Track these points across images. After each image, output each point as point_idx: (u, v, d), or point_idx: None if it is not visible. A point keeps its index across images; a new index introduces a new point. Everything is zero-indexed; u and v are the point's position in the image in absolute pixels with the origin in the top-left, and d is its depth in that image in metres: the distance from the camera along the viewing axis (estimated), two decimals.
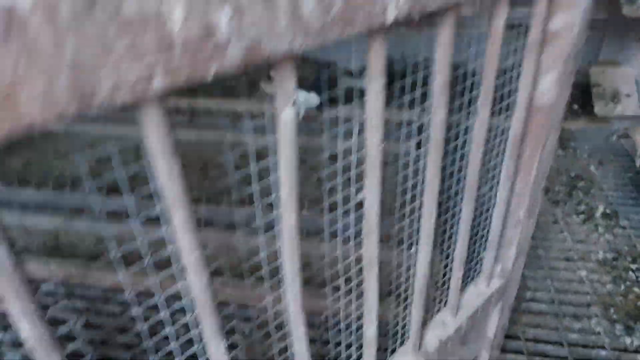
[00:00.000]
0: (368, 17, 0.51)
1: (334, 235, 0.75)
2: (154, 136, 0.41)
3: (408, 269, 0.88)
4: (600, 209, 2.07)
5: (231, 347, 0.61)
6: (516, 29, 0.88)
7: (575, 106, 2.55)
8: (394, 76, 0.74)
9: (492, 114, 0.84)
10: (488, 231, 1.05)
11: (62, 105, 0.32)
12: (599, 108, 2.32)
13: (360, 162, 0.67)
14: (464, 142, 0.83)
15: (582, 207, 2.08)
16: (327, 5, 0.46)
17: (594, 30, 2.56)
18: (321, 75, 2.79)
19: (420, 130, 0.76)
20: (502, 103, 0.90)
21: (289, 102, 0.50)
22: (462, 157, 0.85)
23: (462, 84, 0.79)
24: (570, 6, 0.88)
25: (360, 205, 0.69)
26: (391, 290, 0.92)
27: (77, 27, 0.31)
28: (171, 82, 0.37)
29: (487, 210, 1.01)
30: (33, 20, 0.29)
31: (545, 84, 0.92)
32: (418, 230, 0.81)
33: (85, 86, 0.33)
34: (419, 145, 0.76)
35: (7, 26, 0.29)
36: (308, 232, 0.60)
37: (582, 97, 2.47)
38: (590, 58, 2.56)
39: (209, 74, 0.39)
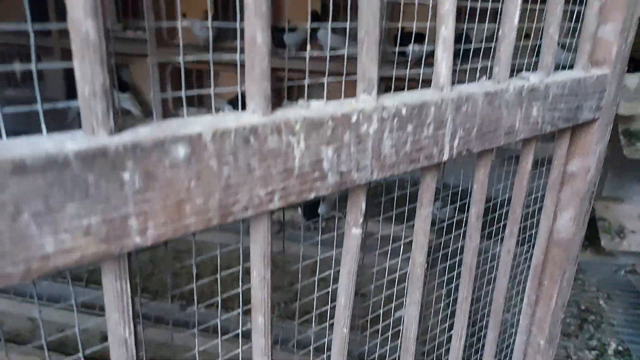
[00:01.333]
0: (429, 156, 0.64)
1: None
2: (260, 243, 0.50)
3: None
4: (613, 345, 2.09)
5: None
6: (539, 168, 1.02)
7: None
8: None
9: (517, 243, 0.94)
10: (510, 359, 1.09)
11: (211, 218, 0.41)
12: (605, 242, 2.46)
13: (401, 279, 0.75)
14: (492, 268, 0.92)
15: (594, 343, 2.11)
16: (400, 147, 0.59)
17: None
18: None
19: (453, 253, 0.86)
20: (526, 234, 1.00)
21: (358, 221, 0.60)
22: (489, 282, 0.93)
23: (492, 213, 0.91)
24: (586, 152, 1.03)
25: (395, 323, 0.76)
26: None
27: (235, 156, 0.42)
28: (285, 201, 0.47)
29: (510, 336, 1.07)
30: (210, 147, 0.40)
31: (564, 220, 1.04)
32: (448, 351, 0.87)
33: (228, 203, 0.43)
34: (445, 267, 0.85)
35: (192, 150, 0.39)
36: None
37: (589, 229, 2.63)
38: (596, 194, 2.77)
39: (312, 196, 0.49)
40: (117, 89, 3.01)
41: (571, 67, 0.94)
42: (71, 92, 3.15)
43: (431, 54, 0.69)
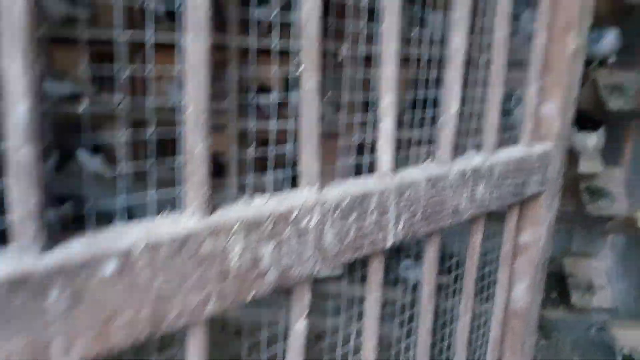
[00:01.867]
0: (373, 243, 0.67)
1: None
2: (194, 352, 0.50)
3: None
4: None
5: None
6: (492, 240, 1.06)
7: (554, 294, 2.74)
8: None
9: (475, 316, 0.97)
10: None
11: (141, 330, 0.43)
12: (575, 298, 2.50)
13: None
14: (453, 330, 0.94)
15: None
16: (343, 237, 0.62)
17: (564, 222, 2.88)
18: None
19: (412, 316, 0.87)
20: (483, 305, 1.03)
21: (303, 317, 0.61)
22: (449, 347, 0.94)
23: (454, 272, 0.93)
24: (537, 222, 1.08)
25: None
26: None
27: (168, 265, 0.44)
28: (221, 305, 0.49)
29: None
30: (141, 260, 0.42)
31: (519, 290, 1.07)
32: None
33: (160, 313, 0.44)
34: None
35: (123, 265, 0.41)
36: None
37: (559, 286, 2.67)
38: (563, 249, 2.84)
39: (249, 298, 0.51)
40: (90, 151, 2.98)
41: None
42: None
43: None
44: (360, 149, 0.86)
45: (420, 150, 0.86)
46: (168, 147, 0.64)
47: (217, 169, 3.38)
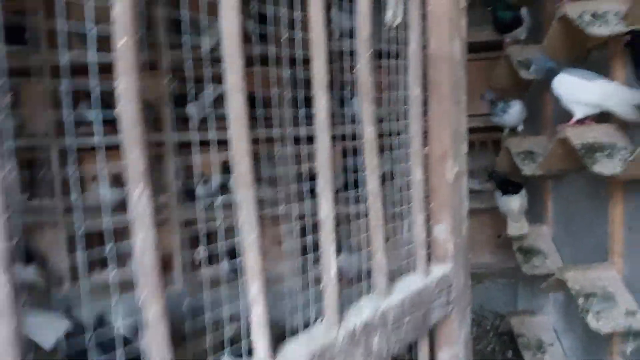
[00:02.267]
0: None
1: None
2: None
3: None
4: None
5: None
6: None
7: (510, 354, 2.74)
8: None
9: None
10: None
11: None
12: (528, 359, 2.51)
13: None
14: None
15: None
16: None
17: (509, 278, 2.94)
18: None
19: None
20: None
21: None
22: None
23: None
24: (451, 341, 1.08)
25: None
26: None
27: None
28: None
29: None
30: None
31: None
32: None
33: None
34: None
35: None
36: None
37: (513, 346, 2.69)
38: (510, 305, 2.88)
39: None
40: (22, 261, 2.83)
41: None
42: None
43: None
44: (303, 231, 0.88)
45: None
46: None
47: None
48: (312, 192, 0.82)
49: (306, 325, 0.82)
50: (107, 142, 0.64)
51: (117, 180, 2.94)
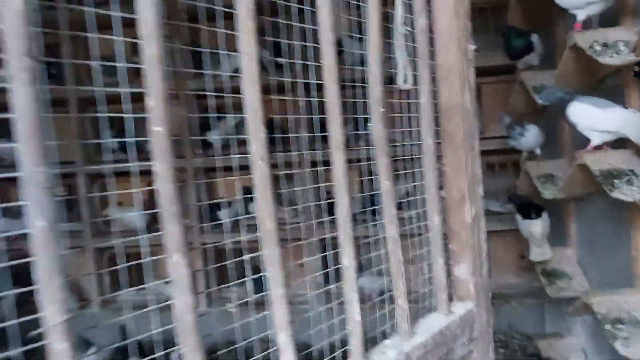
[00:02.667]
0: None
1: None
2: None
3: None
4: None
5: None
6: None
7: None
8: None
9: None
10: None
11: None
12: None
13: None
14: None
15: None
16: None
17: (535, 298, 2.92)
18: None
19: None
20: None
21: None
22: None
23: None
24: None
25: None
26: None
27: None
28: None
29: None
30: None
31: None
32: None
33: None
34: None
35: None
36: None
37: None
38: (538, 328, 2.86)
39: None
40: None
41: None
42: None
43: None
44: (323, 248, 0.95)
45: None
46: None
47: None
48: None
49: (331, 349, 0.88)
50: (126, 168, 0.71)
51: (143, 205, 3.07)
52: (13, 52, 0.53)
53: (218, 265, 3.06)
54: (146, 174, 0.74)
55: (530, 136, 2.42)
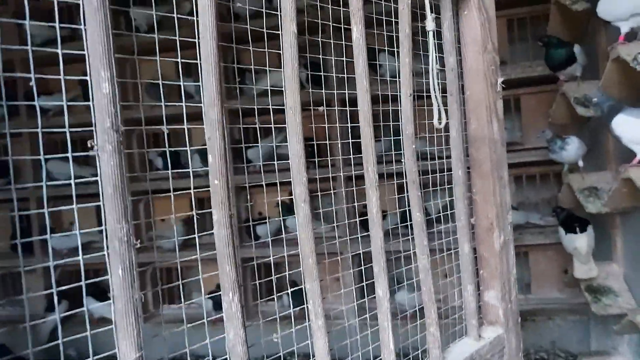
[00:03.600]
0: None
1: None
2: None
3: None
4: None
5: None
6: None
7: None
8: None
9: None
10: None
11: None
12: None
13: None
14: None
15: None
16: None
17: (580, 314, 2.91)
18: None
19: None
20: None
21: None
22: None
23: None
24: None
25: None
26: None
27: None
28: None
29: None
30: None
31: None
32: None
33: None
34: None
35: None
36: None
37: None
38: (584, 345, 2.85)
39: None
40: (95, 298, 3.18)
41: None
42: (50, 306, 3.33)
43: None
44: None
45: None
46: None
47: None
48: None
49: None
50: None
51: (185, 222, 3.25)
52: (101, 127, 0.66)
53: (264, 280, 3.19)
54: (187, 189, 0.87)
55: (572, 149, 2.43)
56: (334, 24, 1.12)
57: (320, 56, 1.24)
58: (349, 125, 1.23)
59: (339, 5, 1.19)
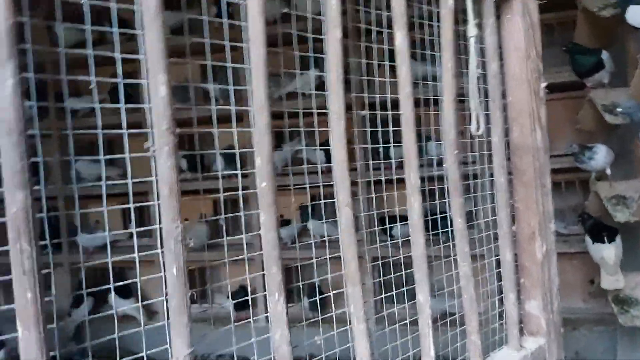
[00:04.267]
0: None
1: None
2: None
3: None
4: None
5: None
6: None
7: None
8: None
9: None
10: None
11: None
12: None
13: None
14: None
15: None
16: None
17: (606, 325, 2.84)
18: None
19: None
20: None
21: None
22: None
23: None
24: None
25: None
26: None
27: None
28: None
29: None
30: None
31: None
32: None
33: None
34: None
35: None
36: None
37: None
38: (610, 357, 2.79)
39: None
40: (120, 296, 3.21)
41: None
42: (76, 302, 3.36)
43: None
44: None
45: None
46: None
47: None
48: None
49: None
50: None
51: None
52: (158, 129, 0.66)
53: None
54: (208, 192, 0.88)
55: (600, 157, 2.39)
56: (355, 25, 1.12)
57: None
58: (368, 129, 1.22)
59: (372, 9, 1.18)
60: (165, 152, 0.66)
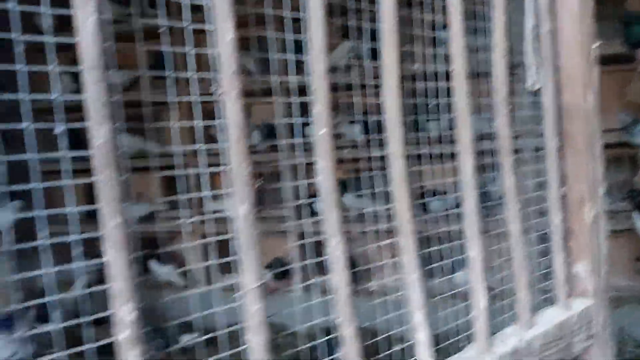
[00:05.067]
0: None
1: None
2: None
3: None
4: None
5: None
6: None
7: None
8: None
9: None
10: None
11: None
12: None
13: None
14: None
15: None
16: None
17: None
18: None
19: None
20: None
21: None
22: None
23: None
24: None
25: None
26: None
27: None
28: None
29: None
30: None
31: None
32: None
33: None
34: None
35: None
36: None
37: None
38: None
39: None
40: (159, 262, 3.34)
41: None
42: None
43: None
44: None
45: None
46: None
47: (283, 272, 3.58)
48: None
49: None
50: None
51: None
52: (226, 73, 0.69)
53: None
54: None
55: None
56: None
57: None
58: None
59: None
60: (234, 95, 0.69)
